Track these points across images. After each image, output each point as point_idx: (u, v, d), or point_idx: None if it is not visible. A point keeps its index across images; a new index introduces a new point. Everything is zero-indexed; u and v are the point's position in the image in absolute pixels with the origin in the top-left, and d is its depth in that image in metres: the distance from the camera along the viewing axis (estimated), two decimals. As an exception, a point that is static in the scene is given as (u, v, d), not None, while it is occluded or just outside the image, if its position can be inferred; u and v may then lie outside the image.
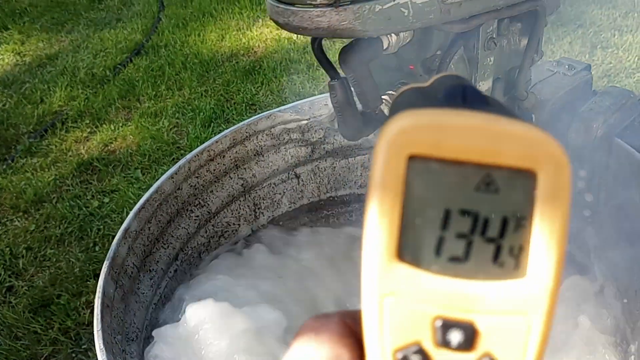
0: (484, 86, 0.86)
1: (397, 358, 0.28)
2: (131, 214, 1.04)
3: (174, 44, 2.92)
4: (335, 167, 1.39)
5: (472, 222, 0.27)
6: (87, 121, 2.42)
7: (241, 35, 2.93)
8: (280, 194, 1.37)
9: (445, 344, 0.27)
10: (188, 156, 1.16)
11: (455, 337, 0.27)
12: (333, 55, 1.16)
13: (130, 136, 2.30)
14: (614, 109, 1.17)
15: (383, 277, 0.28)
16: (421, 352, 0.28)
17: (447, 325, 0.27)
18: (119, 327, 0.92)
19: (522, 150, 0.27)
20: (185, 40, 2.95)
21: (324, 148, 1.36)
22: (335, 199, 1.42)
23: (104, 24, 3.29)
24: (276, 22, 0.66)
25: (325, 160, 1.37)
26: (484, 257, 0.27)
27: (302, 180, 1.37)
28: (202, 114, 2.35)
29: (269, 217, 1.37)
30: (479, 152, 0.27)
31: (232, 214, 1.30)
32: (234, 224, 1.30)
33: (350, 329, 0.30)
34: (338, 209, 1.42)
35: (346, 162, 1.39)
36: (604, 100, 1.18)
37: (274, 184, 1.35)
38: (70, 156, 2.23)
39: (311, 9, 0.62)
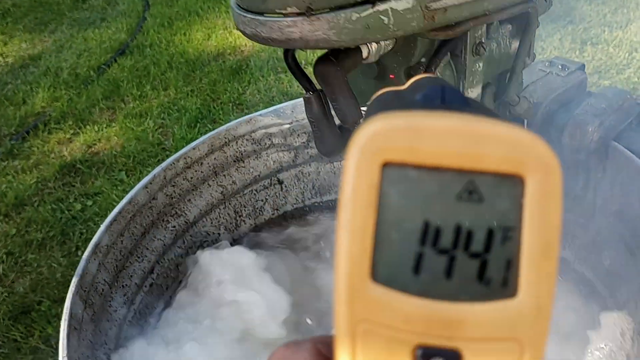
0: (472, 93, 0.81)
1: None
2: (102, 227, 0.98)
3: (159, 44, 2.87)
4: (320, 172, 1.34)
5: (454, 235, 0.25)
6: (70, 122, 2.37)
7: (227, 34, 2.87)
8: (262, 200, 1.32)
9: None
10: (163, 164, 1.11)
11: None
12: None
13: (115, 137, 2.25)
14: (611, 111, 1.12)
15: (355, 302, 0.24)
16: None
17: (429, 354, 0.24)
18: (88, 349, 0.87)
19: (507, 154, 0.24)
20: (171, 40, 2.90)
21: (307, 152, 1.30)
22: (321, 204, 1.37)
23: (88, 23, 3.23)
24: (243, 33, 0.61)
25: (310, 165, 1.32)
26: (469, 275, 0.25)
27: (286, 186, 1.32)
28: (188, 114, 2.30)
29: (251, 225, 1.32)
30: (459, 157, 0.24)
31: (212, 222, 1.25)
32: (213, 233, 1.25)
33: (323, 357, 0.27)
34: (323, 215, 1.37)
35: (331, 167, 1.34)
36: (600, 102, 1.14)
37: (256, 190, 1.30)
38: (52, 158, 2.18)
39: (281, 19, 0.56)
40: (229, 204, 1.26)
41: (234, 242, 1.30)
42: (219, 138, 1.19)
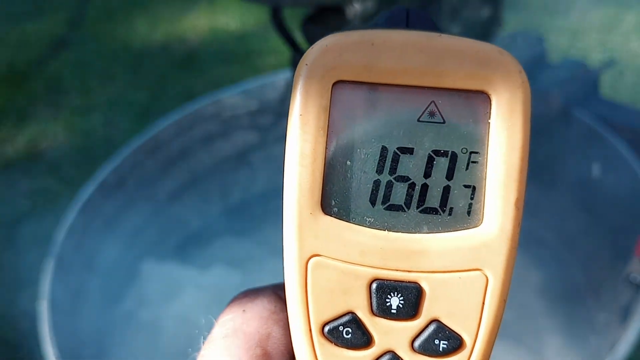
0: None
1: (324, 333, 0.23)
2: (75, 208, 0.95)
3: (103, 36, 2.79)
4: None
5: (415, 161, 0.23)
6: (12, 119, 2.28)
7: (173, 26, 2.83)
8: (231, 182, 1.30)
9: (383, 311, 0.23)
10: (133, 146, 1.08)
11: (396, 302, 0.23)
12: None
13: (61, 133, 2.18)
14: (570, 81, 1.16)
15: (306, 235, 0.23)
16: (355, 322, 0.23)
17: (386, 288, 0.23)
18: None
19: (471, 70, 0.23)
20: (115, 32, 2.83)
21: (275, 134, 1.29)
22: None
23: (25, 16, 3.11)
24: None
25: (278, 146, 1.31)
26: (430, 204, 0.23)
27: (254, 168, 1.31)
28: (137, 107, 2.25)
29: (221, 207, 1.30)
30: (419, 74, 0.22)
31: (182, 206, 1.22)
32: (183, 216, 1.23)
33: (283, 302, 0.26)
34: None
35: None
36: (559, 73, 1.17)
37: (225, 172, 1.28)
38: (-5, 156, 2.09)
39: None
40: (199, 186, 1.24)
41: (203, 228, 1.27)
42: (186, 119, 1.17)
